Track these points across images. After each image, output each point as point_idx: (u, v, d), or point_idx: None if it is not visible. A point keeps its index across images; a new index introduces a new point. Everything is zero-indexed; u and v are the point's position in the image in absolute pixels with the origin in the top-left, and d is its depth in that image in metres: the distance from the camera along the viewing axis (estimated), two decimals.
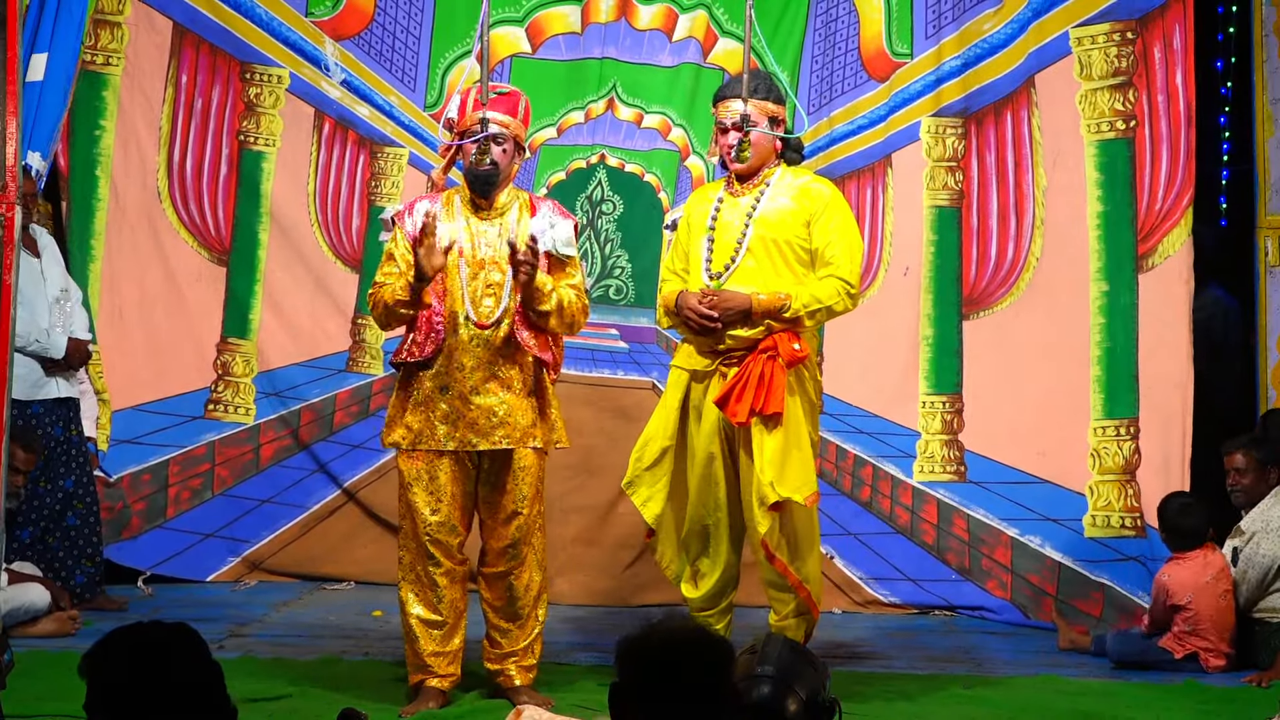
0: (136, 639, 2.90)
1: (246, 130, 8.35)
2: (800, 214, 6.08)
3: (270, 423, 8.37)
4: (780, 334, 5.97)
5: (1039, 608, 7.80)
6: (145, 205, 8.27)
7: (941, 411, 8.10)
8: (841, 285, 6.01)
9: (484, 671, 6.01)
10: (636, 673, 3.03)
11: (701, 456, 6.11)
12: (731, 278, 6.06)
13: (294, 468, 8.39)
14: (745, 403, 5.91)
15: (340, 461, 8.33)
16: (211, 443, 8.33)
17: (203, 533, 8.28)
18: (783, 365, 5.93)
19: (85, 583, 7.39)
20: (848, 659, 6.89)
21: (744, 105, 6.06)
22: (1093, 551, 7.77)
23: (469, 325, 5.77)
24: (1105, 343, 7.88)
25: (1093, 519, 7.81)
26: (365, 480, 8.28)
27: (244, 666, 6.24)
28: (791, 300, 5.97)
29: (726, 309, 5.97)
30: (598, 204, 8.25)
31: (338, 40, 8.33)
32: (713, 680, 3.02)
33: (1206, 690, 6.49)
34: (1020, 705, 6.14)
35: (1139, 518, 7.73)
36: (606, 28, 8.21)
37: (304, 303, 8.36)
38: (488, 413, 5.78)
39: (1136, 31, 7.85)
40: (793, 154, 6.28)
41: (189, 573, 8.18)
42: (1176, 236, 7.82)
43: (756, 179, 6.18)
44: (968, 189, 8.11)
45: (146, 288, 8.27)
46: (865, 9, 8.19)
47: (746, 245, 6.07)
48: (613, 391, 8.21)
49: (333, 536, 8.28)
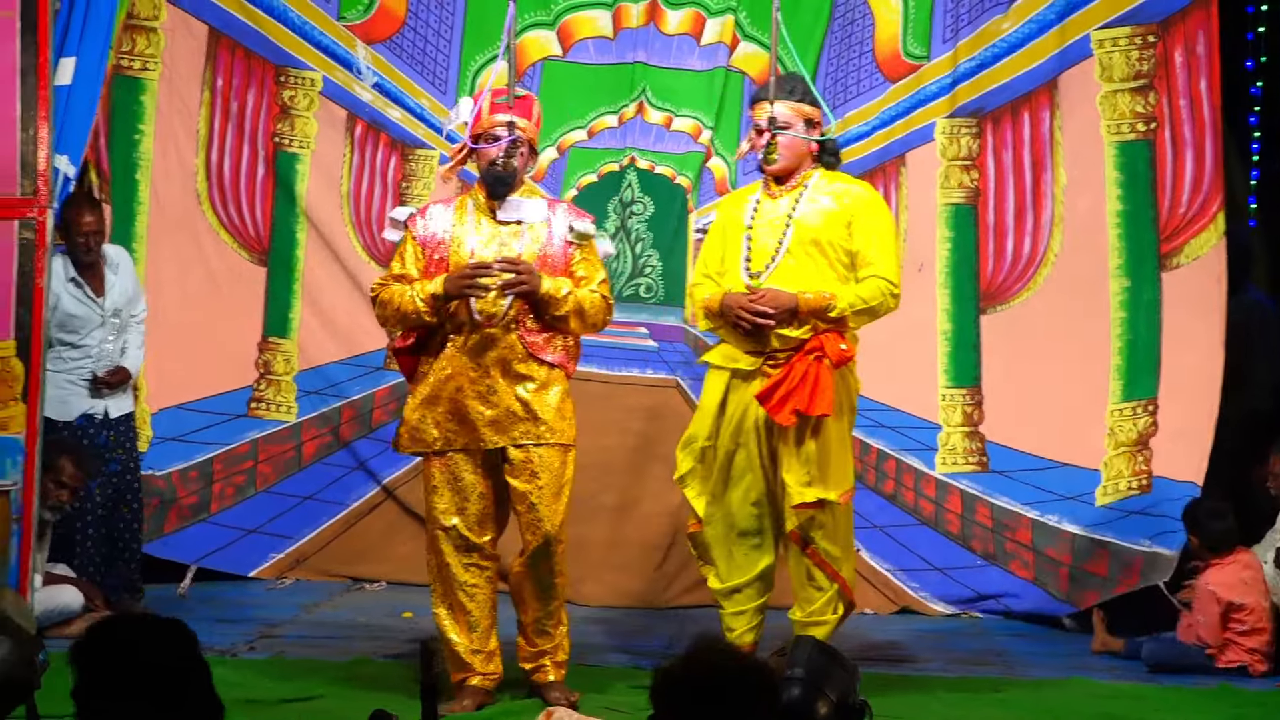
0: (123, 630, 2.81)
1: (281, 132, 8.06)
2: (841, 215, 5.84)
3: (311, 420, 8.11)
4: (827, 334, 5.74)
5: (1057, 579, 7.57)
6: (185, 208, 8.01)
7: (962, 404, 7.83)
8: (885, 285, 5.80)
9: (519, 671, 5.76)
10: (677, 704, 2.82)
11: (741, 455, 5.87)
12: (771, 277, 5.81)
13: (335, 465, 8.14)
14: (790, 403, 5.66)
15: (380, 459, 8.04)
16: (254, 440, 8.08)
17: (246, 528, 8.04)
18: (829, 366, 5.68)
19: (125, 586, 7.10)
20: (878, 661, 6.58)
21: (771, 107, 5.84)
22: (1102, 516, 7.54)
23: (479, 325, 5.54)
24: (1126, 335, 7.60)
25: (1104, 489, 7.57)
26: (404, 477, 8.00)
27: (275, 667, 6.04)
28: (836, 300, 5.74)
29: (775, 307, 5.70)
30: (628, 205, 7.94)
31: (369, 44, 8.04)
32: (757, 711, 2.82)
33: (1240, 694, 6.15)
34: (1051, 708, 5.88)
35: (1146, 478, 7.48)
36: (637, 32, 7.94)
37: (342, 301, 8.09)
38: (504, 411, 5.57)
39: (1158, 35, 7.56)
40: (829, 157, 6.01)
41: (232, 567, 7.96)
42: (1206, 239, 7.50)
43: (794, 181, 5.94)
44: (984, 186, 7.85)
45: (188, 289, 8.01)
46: (881, 11, 7.90)
47: (787, 246, 5.83)
48: (640, 390, 7.89)
49: (372, 533, 8.05)
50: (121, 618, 2.86)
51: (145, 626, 2.82)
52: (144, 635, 2.79)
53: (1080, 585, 7.42)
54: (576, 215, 5.73)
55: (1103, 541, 7.47)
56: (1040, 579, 7.62)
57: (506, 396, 5.54)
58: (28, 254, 5.75)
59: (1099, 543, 7.47)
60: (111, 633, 2.79)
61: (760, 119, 5.88)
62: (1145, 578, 7.21)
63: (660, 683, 2.84)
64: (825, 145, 5.98)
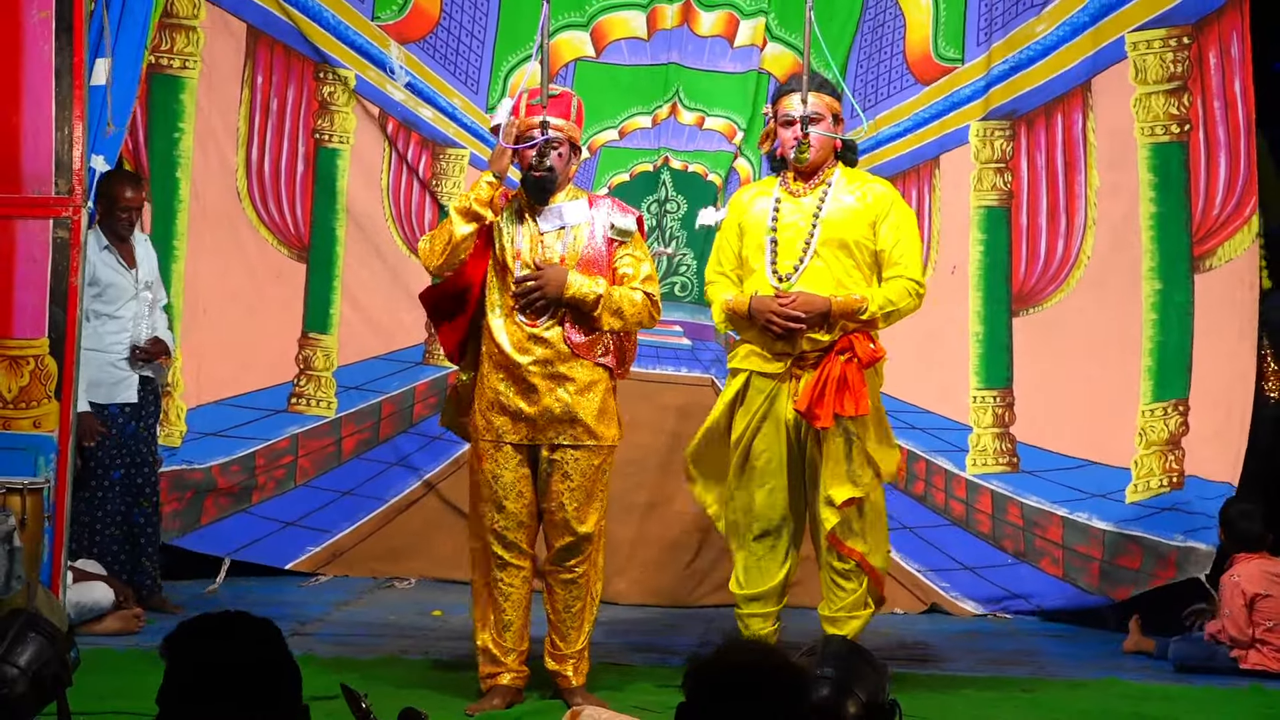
0: (222, 626, 2.67)
1: (321, 129, 7.99)
2: (866, 214, 5.71)
3: (351, 415, 8.03)
4: (856, 334, 5.63)
5: (1088, 574, 7.46)
6: (225, 205, 7.94)
7: (993, 405, 7.71)
8: (911, 285, 5.70)
9: (545, 670, 5.66)
10: (709, 696, 2.72)
11: (766, 455, 5.73)
12: (800, 279, 5.67)
13: (374, 460, 8.05)
14: (828, 406, 5.55)
15: (420, 454, 7.99)
16: (295, 435, 8.00)
17: (284, 520, 7.96)
18: (858, 366, 5.58)
19: (146, 581, 7.04)
20: (908, 661, 6.48)
21: (804, 106, 5.67)
22: (1133, 513, 7.44)
23: (523, 327, 5.46)
24: (1158, 336, 7.49)
25: (1134, 487, 7.46)
26: (444, 473, 7.92)
27: (305, 665, 5.67)
28: (868, 303, 5.62)
29: (809, 311, 5.59)
30: (663, 204, 7.84)
31: (403, 44, 7.94)
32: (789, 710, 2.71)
33: (1272, 695, 6.03)
34: (1081, 709, 5.77)
35: (1178, 475, 7.38)
36: (671, 34, 7.84)
37: (381, 297, 8.01)
38: (542, 411, 5.45)
39: (1192, 36, 7.43)
40: (849, 154, 5.88)
41: (269, 559, 7.89)
42: (1240, 241, 7.39)
43: (818, 178, 5.78)
44: (1016, 189, 7.73)
45: (229, 285, 7.94)
46: (912, 13, 7.79)
47: (815, 247, 5.68)
48: (674, 389, 7.80)
49: (411, 529, 7.97)
50: (219, 615, 2.71)
51: (245, 625, 2.70)
52: (245, 634, 2.68)
53: (1112, 579, 7.34)
54: (620, 211, 5.62)
55: (1134, 536, 7.37)
56: (1070, 575, 7.52)
57: (547, 397, 5.44)
58: (62, 253, 5.67)
59: (1130, 538, 7.37)
60: (212, 630, 2.68)
61: (792, 110, 5.70)
62: (1181, 570, 7.14)
63: (693, 673, 2.76)
64: (847, 142, 5.86)
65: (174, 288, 7.73)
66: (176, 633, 2.66)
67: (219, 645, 2.63)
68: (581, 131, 5.66)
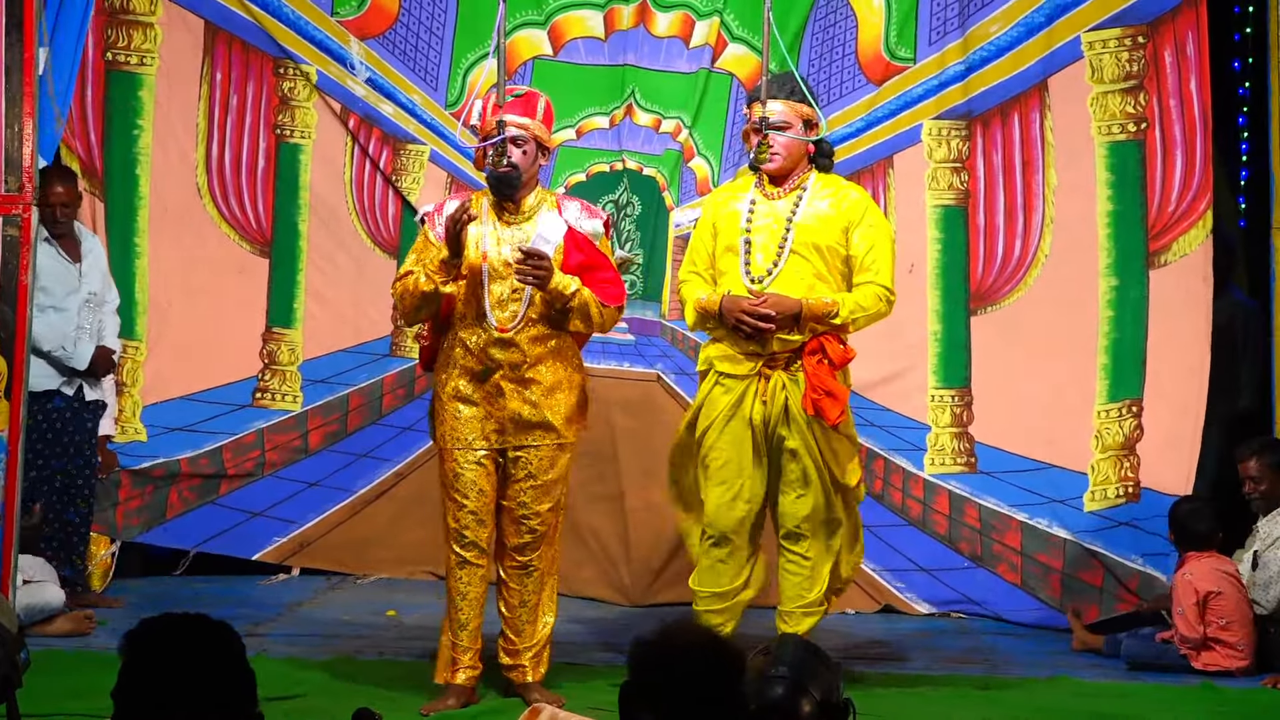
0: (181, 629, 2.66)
1: (282, 124, 7.85)
2: (839, 220, 5.68)
3: (318, 409, 7.92)
4: (826, 336, 5.59)
5: (1047, 585, 7.39)
6: (186, 201, 7.80)
7: (951, 405, 7.62)
8: (883, 291, 5.69)
9: (500, 668, 5.57)
10: (649, 675, 2.81)
11: (735, 455, 5.67)
12: (774, 282, 5.63)
13: (342, 452, 7.94)
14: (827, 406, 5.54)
15: (389, 445, 7.90)
16: (260, 430, 7.88)
17: (251, 511, 7.85)
18: (829, 367, 5.54)
19: (72, 576, 6.91)
20: (863, 660, 6.38)
21: (764, 107, 5.64)
22: (1091, 523, 7.37)
23: (490, 330, 5.37)
24: (1113, 333, 7.43)
25: (1091, 494, 7.39)
26: (414, 464, 7.82)
27: (258, 665, 5.57)
28: (839, 307, 5.59)
29: (780, 312, 5.54)
30: (623, 207, 7.74)
31: (363, 39, 7.82)
32: (725, 687, 2.80)
33: (1223, 692, 5.96)
34: (1037, 707, 5.70)
35: (1134, 485, 7.31)
36: (627, 35, 7.73)
37: (346, 290, 7.91)
38: (511, 415, 5.39)
39: (1147, 36, 7.37)
40: (823, 159, 5.83)
41: (235, 550, 7.79)
42: (1194, 236, 7.33)
43: (792, 183, 5.76)
44: (974, 188, 7.65)
45: (191, 282, 7.81)
46: (864, 13, 7.68)
47: (789, 251, 5.64)
48: (619, 384, 7.67)
49: (379, 521, 7.87)
50: (178, 616, 2.68)
51: (203, 628, 2.67)
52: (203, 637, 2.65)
53: (1073, 593, 7.24)
54: (588, 215, 5.53)
55: (1095, 551, 7.30)
56: (1029, 584, 7.44)
57: (514, 400, 5.38)
58: (12, 251, 5.52)
59: (1091, 552, 7.30)
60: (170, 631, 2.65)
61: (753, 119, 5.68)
62: (1143, 598, 7.05)
63: (636, 651, 2.82)
64: (820, 147, 5.81)
65: (137, 284, 7.63)
66: (138, 630, 2.64)
67: (176, 648, 2.61)
68: (550, 131, 5.56)
